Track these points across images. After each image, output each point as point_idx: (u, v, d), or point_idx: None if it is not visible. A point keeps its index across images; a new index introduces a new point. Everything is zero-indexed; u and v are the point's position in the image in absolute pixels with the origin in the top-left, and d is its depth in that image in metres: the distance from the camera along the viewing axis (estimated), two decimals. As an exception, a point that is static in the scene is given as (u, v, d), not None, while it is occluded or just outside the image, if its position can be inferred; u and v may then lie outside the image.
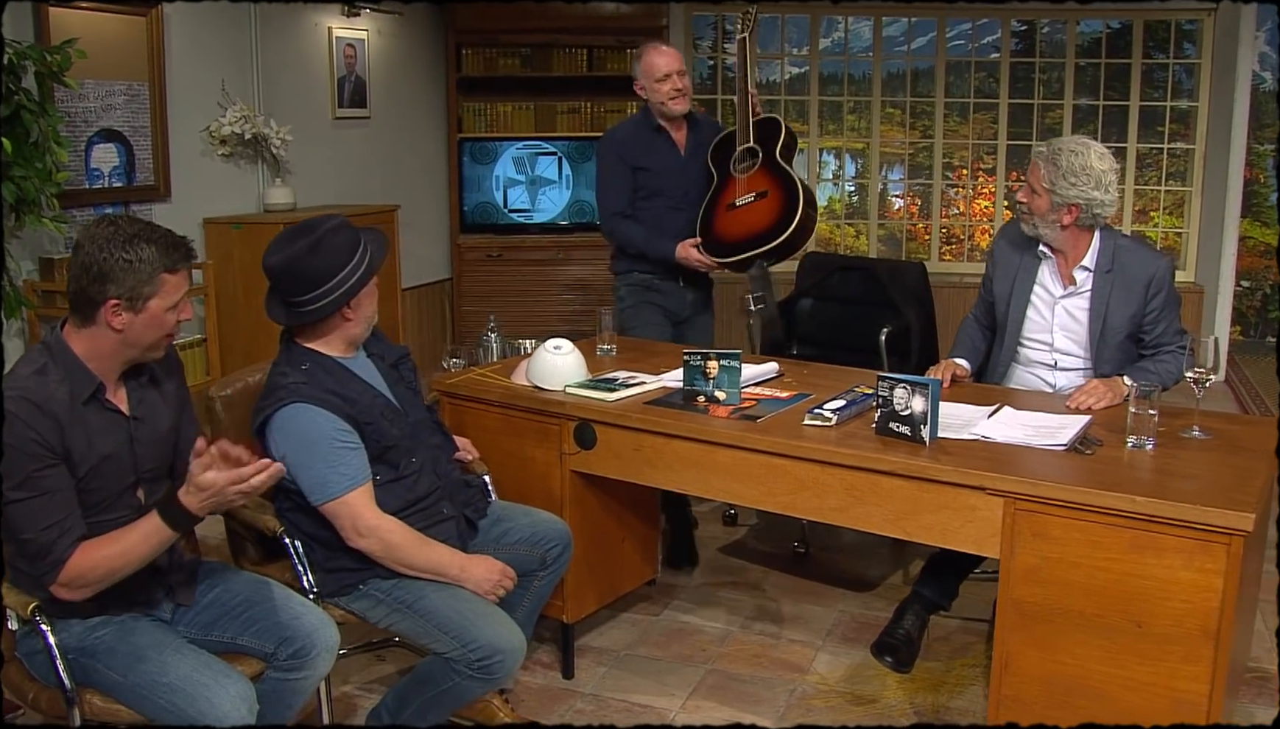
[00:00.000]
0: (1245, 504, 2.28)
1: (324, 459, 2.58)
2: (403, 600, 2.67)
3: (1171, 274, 3.21)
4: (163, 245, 2.23)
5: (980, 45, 7.40)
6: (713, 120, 4.45)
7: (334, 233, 2.65)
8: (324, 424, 2.59)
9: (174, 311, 2.27)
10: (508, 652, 2.59)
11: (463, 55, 6.85)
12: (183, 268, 2.27)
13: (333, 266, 2.62)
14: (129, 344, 2.26)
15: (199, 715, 2.20)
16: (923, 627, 3.08)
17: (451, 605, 2.63)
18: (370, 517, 2.61)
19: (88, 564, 2.18)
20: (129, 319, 2.22)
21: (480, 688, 2.68)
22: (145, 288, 2.20)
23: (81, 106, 4.44)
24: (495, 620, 2.63)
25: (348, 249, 2.65)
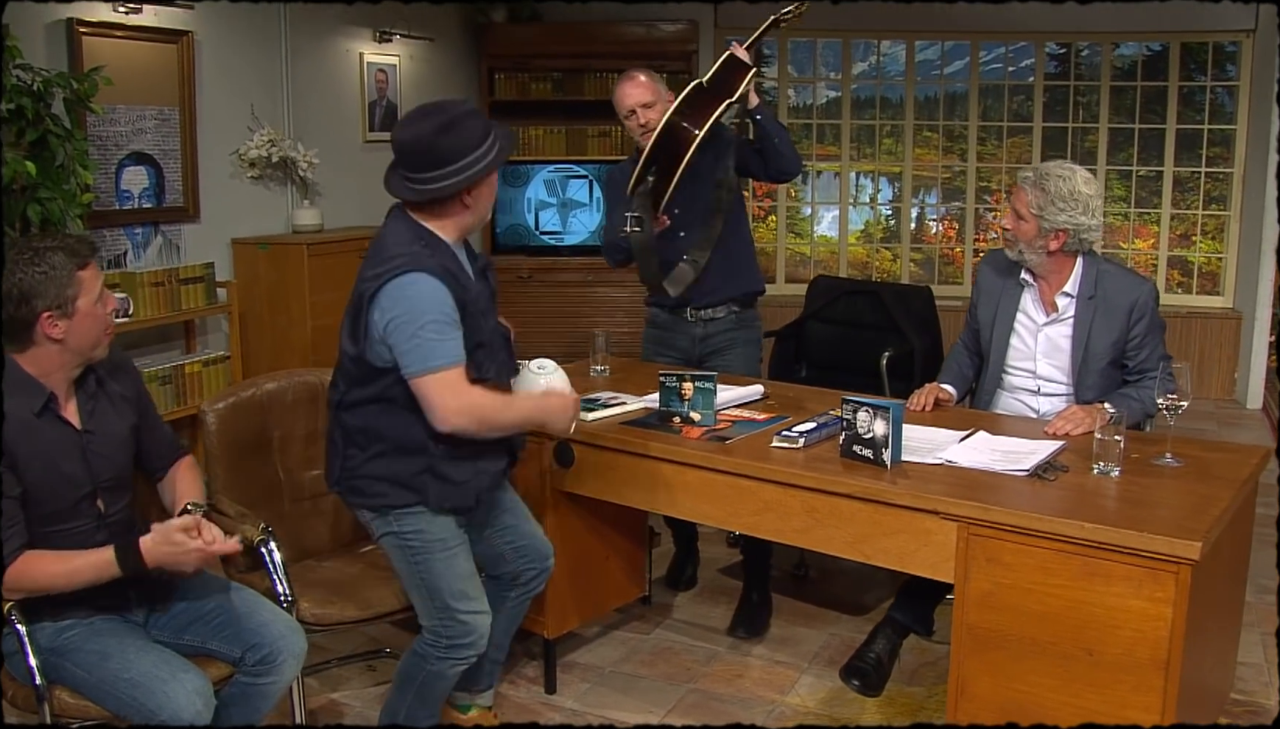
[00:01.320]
0: (1194, 532, 2.26)
1: (434, 330, 2.52)
2: (412, 548, 2.70)
3: (1155, 300, 3.18)
4: (67, 249, 2.33)
5: (1018, 68, 7.36)
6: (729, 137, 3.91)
7: (466, 116, 2.60)
8: (440, 296, 2.53)
9: (101, 303, 2.37)
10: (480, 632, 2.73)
11: (495, 80, 6.98)
12: (91, 262, 2.37)
13: (460, 149, 2.56)
14: (72, 350, 2.36)
15: (157, 709, 2.30)
16: (894, 651, 3.07)
17: (446, 577, 2.70)
18: (465, 392, 2.55)
19: (29, 575, 2.29)
20: (66, 325, 2.32)
21: (450, 665, 2.75)
22: (68, 290, 2.30)
23: (113, 131, 4.62)
24: (477, 603, 2.73)
25: (478, 135, 2.59)
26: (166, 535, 2.31)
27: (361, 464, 2.69)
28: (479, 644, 2.74)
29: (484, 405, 2.59)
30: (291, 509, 3.25)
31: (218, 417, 3.11)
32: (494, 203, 2.76)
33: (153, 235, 4.88)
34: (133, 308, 4.49)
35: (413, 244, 2.58)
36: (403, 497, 2.66)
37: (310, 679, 3.47)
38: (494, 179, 2.68)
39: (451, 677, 2.80)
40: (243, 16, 5.23)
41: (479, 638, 2.74)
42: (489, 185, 2.66)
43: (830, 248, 7.81)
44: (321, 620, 2.90)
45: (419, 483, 2.65)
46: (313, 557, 3.23)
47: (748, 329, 3.92)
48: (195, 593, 2.62)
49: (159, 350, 4.91)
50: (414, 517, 2.68)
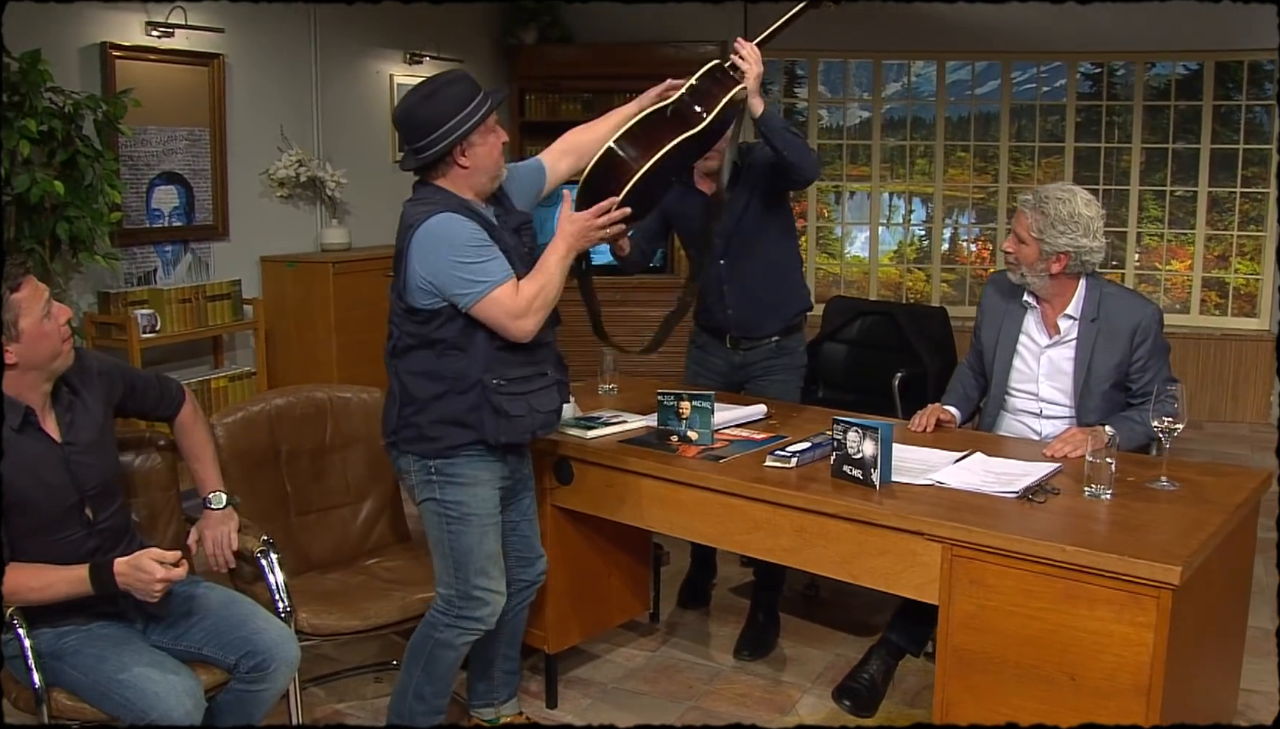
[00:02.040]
0: (1175, 557, 2.24)
1: (474, 255, 2.63)
2: (450, 517, 2.80)
3: (1159, 323, 3.15)
4: None
5: (1052, 89, 7.31)
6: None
7: (450, 84, 2.71)
8: (469, 228, 2.65)
9: (49, 319, 2.42)
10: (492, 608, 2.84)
11: (526, 101, 7.07)
12: (24, 282, 2.39)
13: (444, 114, 2.65)
14: (32, 368, 2.42)
15: (148, 708, 2.38)
16: (888, 673, 3.06)
17: (474, 552, 2.80)
18: (519, 297, 2.66)
19: (9, 588, 2.37)
20: (16, 349, 2.38)
21: (457, 634, 2.84)
22: (6, 315, 2.35)
23: (144, 151, 4.75)
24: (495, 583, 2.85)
25: (462, 99, 2.67)
26: (137, 563, 2.38)
27: (420, 409, 2.77)
28: (488, 621, 2.85)
29: (534, 292, 2.69)
30: (297, 522, 3.32)
31: (227, 430, 3.19)
32: (499, 160, 2.76)
33: (182, 253, 5.01)
34: (160, 323, 4.61)
35: (431, 199, 2.70)
36: (461, 435, 2.75)
37: (317, 689, 3.53)
38: (492, 139, 2.73)
39: (457, 649, 2.87)
40: (273, 40, 5.36)
41: (489, 614, 2.85)
42: (486, 144, 2.72)
43: (863, 268, 7.79)
44: (319, 630, 2.95)
45: (475, 419, 2.74)
46: (317, 569, 3.29)
47: (789, 356, 3.83)
48: (193, 600, 2.68)
49: (187, 365, 5.03)
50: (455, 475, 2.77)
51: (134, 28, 4.68)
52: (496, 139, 2.74)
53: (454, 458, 2.77)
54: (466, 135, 2.66)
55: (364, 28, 5.93)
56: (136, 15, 4.69)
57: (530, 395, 2.79)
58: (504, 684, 3.16)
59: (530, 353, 2.78)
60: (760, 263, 3.71)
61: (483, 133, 2.70)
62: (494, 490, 2.84)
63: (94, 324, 4.56)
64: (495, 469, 2.83)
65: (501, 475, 2.86)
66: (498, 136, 2.75)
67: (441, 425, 2.76)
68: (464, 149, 2.68)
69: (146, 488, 3.01)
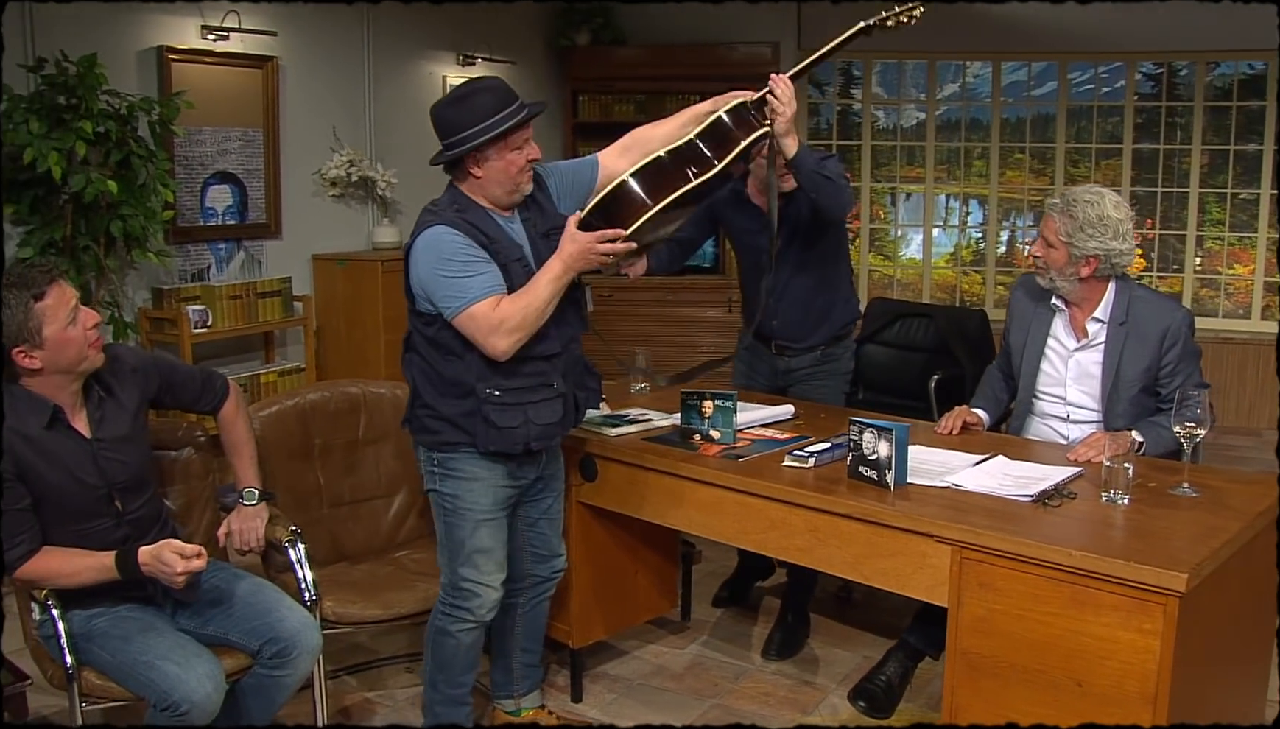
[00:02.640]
0: (1182, 563, 2.21)
1: (460, 270, 2.66)
2: (446, 509, 2.88)
3: (1189, 327, 3.10)
4: (20, 283, 2.46)
5: (1113, 89, 7.19)
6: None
7: (481, 91, 2.72)
8: (457, 242, 2.68)
9: (74, 325, 2.50)
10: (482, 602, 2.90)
11: (579, 102, 7.14)
12: (49, 289, 2.48)
13: (465, 121, 2.68)
14: (58, 370, 2.52)
15: (169, 689, 2.47)
16: (905, 675, 3.06)
17: (466, 544, 2.86)
18: (496, 313, 2.66)
19: (40, 572, 2.52)
20: (39, 355, 2.48)
21: (451, 622, 2.92)
22: (30, 323, 2.44)
23: (198, 151, 4.90)
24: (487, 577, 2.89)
25: (487, 109, 2.67)
26: (158, 554, 2.48)
27: (425, 403, 2.84)
28: (478, 613, 2.90)
29: (514, 311, 2.67)
30: (330, 513, 3.41)
31: (262, 423, 3.28)
32: (515, 177, 2.75)
33: (235, 250, 5.14)
34: (211, 319, 4.74)
35: (447, 208, 2.75)
36: (455, 435, 2.80)
37: (349, 678, 3.62)
38: (511, 156, 2.72)
39: (455, 637, 2.93)
40: (326, 42, 5.48)
41: (479, 606, 2.90)
42: (502, 160, 2.72)
43: (918, 271, 7.73)
44: (343, 618, 3.04)
45: (469, 424, 2.78)
46: (347, 560, 3.37)
47: (835, 362, 3.83)
48: (221, 588, 2.77)
49: (239, 360, 5.16)
50: (454, 469, 2.83)
51: (190, 31, 4.83)
52: (519, 156, 2.73)
53: (453, 454, 2.83)
54: (481, 146, 2.68)
55: (417, 29, 6.03)
56: (192, 19, 4.83)
57: (529, 406, 2.79)
58: (524, 677, 3.21)
59: (534, 364, 2.78)
60: (808, 279, 3.71)
61: (500, 148, 2.70)
62: (494, 489, 2.87)
63: (148, 319, 4.71)
64: (497, 470, 2.86)
65: (506, 476, 2.88)
66: (521, 153, 2.73)
67: (441, 422, 2.81)
68: (478, 159, 2.71)
69: (185, 479, 3.11)
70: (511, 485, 2.91)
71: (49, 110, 3.99)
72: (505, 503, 2.91)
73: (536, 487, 3.02)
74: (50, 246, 4.08)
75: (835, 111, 7.64)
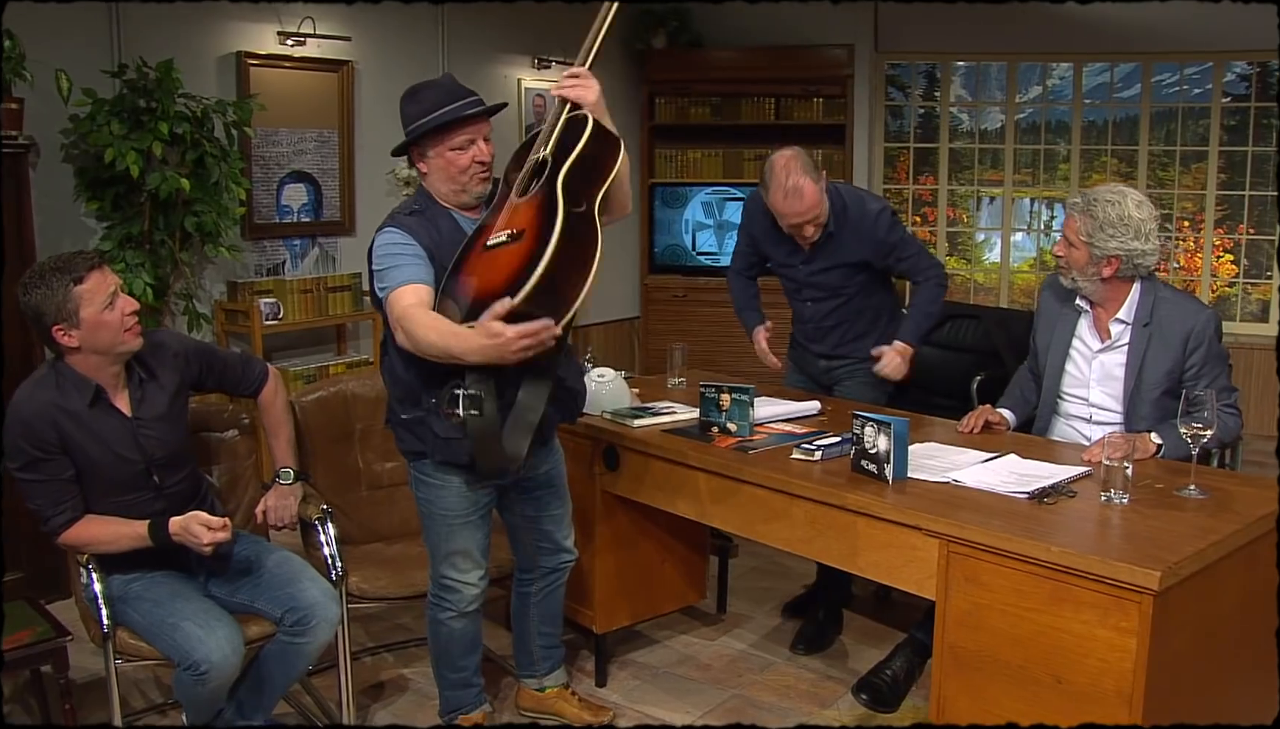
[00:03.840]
0: (1157, 562, 2.20)
1: (385, 262, 2.69)
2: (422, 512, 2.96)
3: (1216, 329, 3.04)
4: (64, 268, 2.64)
5: (1204, 91, 6.98)
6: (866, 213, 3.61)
7: (430, 87, 2.75)
8: (399, 238, 2.70)
9: (111, 310, 2.68)
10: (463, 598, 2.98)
11: (656, 104, 7.24)
12: (89, 274, 2.65)
13: (412, 115, 2.73)
14: (95, 351, 2.70)
15: (191, 650, 2.66)
16: (911, 671, 3.06)
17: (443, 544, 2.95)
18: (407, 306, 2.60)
19: (82, 538, 2.74)
20: (77, 334, 2.66)
21: (440, 612, 3.02)
22: (68, 305, 2.63)
23: (275, 151, 5.14)
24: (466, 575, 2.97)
25: (430, 103, 2.69)
26: (186, 525, 2.67)
27: (390, 406, 2.91)
28: (459, 606, 2.99)
29: (422, 324, 2.56)
30: (368, 496, 3.57)
31: (304, 409, 3.46)
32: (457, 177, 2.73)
33: (310, 247, 5.38)
34: (283, 312, 4.97)
35: (407, 207, 2.81)
36: (415, 444, 2.87)
37: (389, 654, 3.78)
38: (450, 153, 2.71)
39: (446, 626, 3.04)
40: (402, 47, 5.68)
41: (460, 601, 2.99)
42: (441, 156, 2.73)
43: (999, 274, 7.61)
44: (366, 593, 3.20)
45: (421, 433, 2.82)
46: (382, 540, 3.53)
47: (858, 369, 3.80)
48: (251, 558, 2.95)
49: (311, 352, 5.40)
50: (424, 474, 2.89)
51: (268, 37, 5.07)
52: (459, 156, 2.72)
53: (418, 461, 2.91)
54: (420, 142, 2.73)
55: (492, 33, 6.20)
56: (270, 25, 5.08)
57: None
58: (544, 658, 3.30)
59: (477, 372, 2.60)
60: (851, 309, 3.75)
61: (439, 145, 2.71)
62: (464, 495, 2.90)
63: (223, 311, 4.96)
64: (463, 477, 2.87)
65: (476, 482, 2.88)
66: (463, 154, 2.72)
67: (402, 428, 2.88)
68: (421, 155, 2.77)
69: (230, 458, 3.31)
70: (483, 488, 2.93)
71: (129, 112, 4.25)
72: (480, 504, 2.95)
73: (527, 487, 3.05)
74: (128, 240, 4.34)
75: (918, 114, 7.58)
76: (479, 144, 2.75)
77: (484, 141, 2.77)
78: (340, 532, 3.20)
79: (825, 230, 3.58)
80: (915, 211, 7.66)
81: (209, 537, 2.67)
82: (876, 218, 3.59)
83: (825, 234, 3.59)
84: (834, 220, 3.58)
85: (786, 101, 7.14)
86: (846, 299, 3.73)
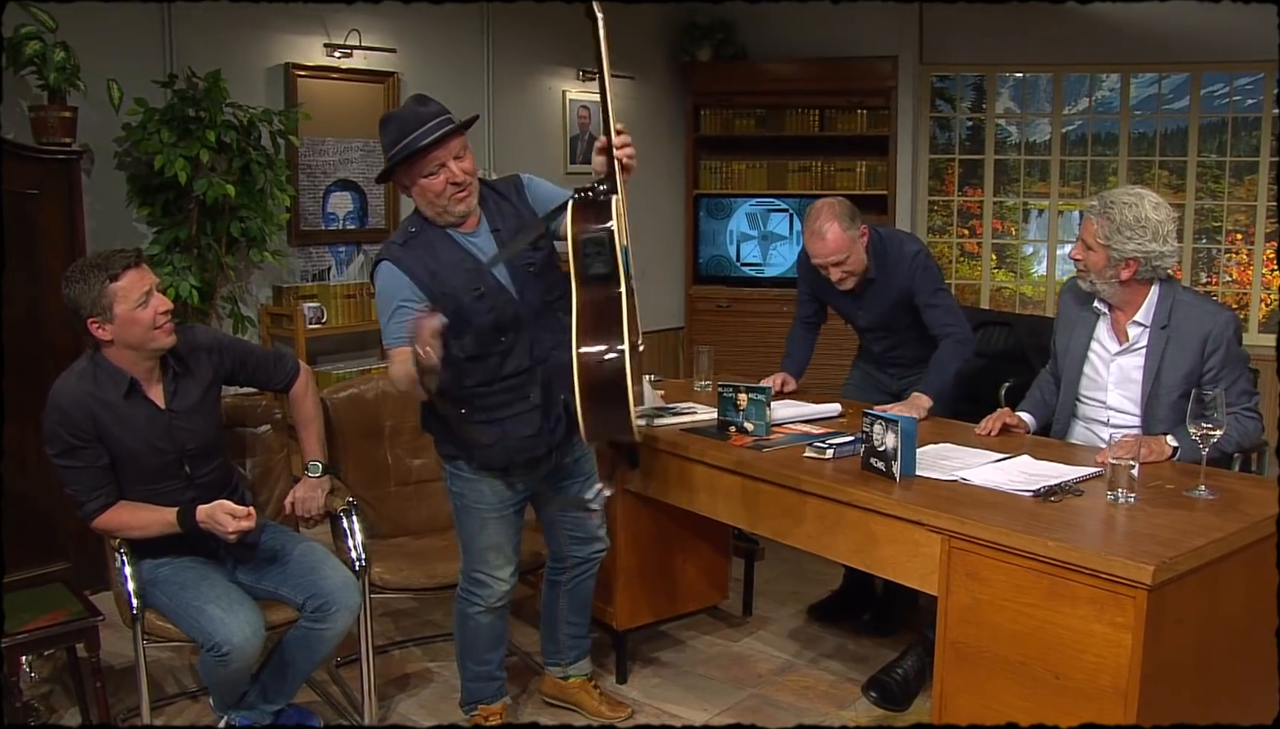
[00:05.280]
0: (1151, 557, 2.20)
1: (388, 314, 2.80)
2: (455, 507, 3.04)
3: (1235, 331, 3.02)
4: (102, 265, 2.77)
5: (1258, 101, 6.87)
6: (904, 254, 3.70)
7: (390, 120, 2.77)
8: (397, 284, 2.77)
9: (144, 308, 2.79)
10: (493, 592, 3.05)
11: (701, 116, 7.30)
12: (125, 272, 2.77)
13: (388, 143, 2.75)
14: (128, 345, 2.82)
15: (213, 632, 2.77)
16: (923, 670, 3.07)
17: (475, 538, 3.02)
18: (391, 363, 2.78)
19: (114, 523, 2.86)
20: (110, 328, 2.78)
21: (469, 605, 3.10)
22: (103, 300, 2.75)
23: (321, 160, 5.29)
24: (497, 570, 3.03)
25: (393, 137, 2.72)
26: (212, 513, 2.79)
27: (427, 407, 2.96)
28: (489, 601, 3.06)
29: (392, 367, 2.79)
30: (396, 491, 3.66)
31: (336, 405, 3.56)
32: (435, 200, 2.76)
33: (355, 253, 5.51)
34: (326, 316, 5.11)
35: (405, 228, 2.88)
36: (451, 448, 2.98)
37: (416, 648, 3.87)
38: (424, 179, 2.73)
39: (474, 620, 3.11)
40: (447, 58, 5.81)
41: (489, 596, 3.05)
42: (416, 184, 2.76)
43: (1046, 286, 7.55)
44: (389, 584, 3.29)
45: (456, 439, 2.93)
46: (410, 534, 3.62)
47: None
48: (277, 547, 3.05)
49: (355, 355, 5.52)
50: (460, 471, 2.97)
51: (315, 49, 5.22)
52: (433, 180, 2.73)
53: (454, 461, 2.99)
54: (395, 174, 2.79)
55: (538, 45, 6.30)
56: (317, 38, 5.23)
57: (505, 422, 2.88)
58: (570, 648, 3.36)
59: (505, 381, 2.84)
60: (913, 336, 3.81)
61: (412, 173, 2.74)
62: (499, 486, 2.97)
63: (269, 314, 5.10)
64: (485, 486, 2.97)
65: (502, 492, 2.99)
66: (437, 178, 2.73)
67: (439, 431, 2.97)
68: (403, 184, 2.81)
69: (264, 452, 3.43)
70: (517, 486, 3.02)
71: (178, 121, 4.41)
72: (514, 499, 3.02)
73: (561, 480, 3.11)
74: (175, 244, 4.49)
75: (966, 126, 7.56)
76: (449, 166, 2.74)
77: (454, 161, 2.75)
78: (369, 525, 3.30)
79: (867, 276, 3.68)
80: (963, 224, 7.63)
81: (234, 525, 2.77)
82: (913, 258, 3.68)
83: (868, 280, 3.70)
84: (875, 266, 3.68)
85: (831, 113, 7.16)
86: (907, 330, 3.81)
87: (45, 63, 4.04)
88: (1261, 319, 6.94)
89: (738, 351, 7.16)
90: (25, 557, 3.78)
